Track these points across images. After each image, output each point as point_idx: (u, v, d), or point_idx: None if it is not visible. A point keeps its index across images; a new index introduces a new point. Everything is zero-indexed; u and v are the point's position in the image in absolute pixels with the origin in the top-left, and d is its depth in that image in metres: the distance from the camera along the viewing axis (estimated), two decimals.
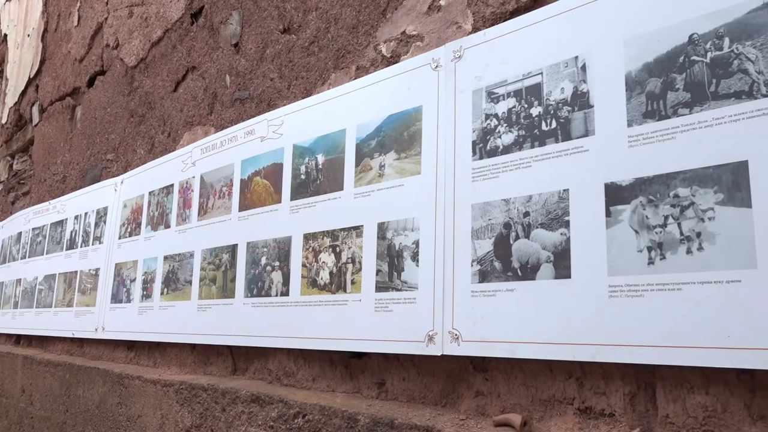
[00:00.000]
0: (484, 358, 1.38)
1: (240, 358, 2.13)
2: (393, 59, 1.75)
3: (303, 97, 2.03)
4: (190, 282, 2.33)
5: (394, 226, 1.58)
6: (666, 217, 1.11)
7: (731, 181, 1.04)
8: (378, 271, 1.60)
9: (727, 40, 1.09)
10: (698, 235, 1.06)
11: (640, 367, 1.13)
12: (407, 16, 1.73)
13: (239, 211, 2.15)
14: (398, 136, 1.63)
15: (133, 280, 2.71)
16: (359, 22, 1.88)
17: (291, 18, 2.16)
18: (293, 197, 1.92)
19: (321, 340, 1.71)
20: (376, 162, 1.67)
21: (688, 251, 1.07)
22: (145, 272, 2.63)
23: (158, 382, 2.21)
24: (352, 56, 1.89)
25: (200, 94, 2.62)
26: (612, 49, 1.24)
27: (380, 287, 1.58)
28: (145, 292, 2.61)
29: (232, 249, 2.13)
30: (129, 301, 2.71)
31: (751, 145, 1.03)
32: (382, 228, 1.61)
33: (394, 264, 1.56)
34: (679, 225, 1.09)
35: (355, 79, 1.84)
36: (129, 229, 2.85)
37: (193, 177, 2.45)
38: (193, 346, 2.37)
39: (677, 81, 1.14)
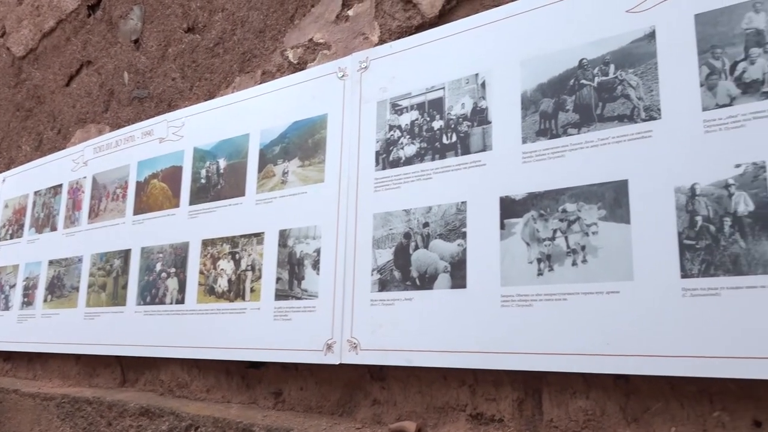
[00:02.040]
0: (381, 367, 1.39)
1: (130, 368, 2.03)
2: (300, 66, 1.74)
3: (206, 99, 1.98)
4: (77, 288, 2.19)
5: (296, 234, 1.57)
6: (555, 231, 1.16)
7: (613, 199, 1.11)
8: (278, 279, 1.58)
9: (612, 67, 1.16)
10: (583, 248, 1.13)
11: (529, 374, 1.18)
12: (315, 24, 1.73)
13: (134, 214, 2.05)
14: (303, 144, 1.61)
15: (12, 286, 2.52)
16: (266, 27, 1.86)
17: (196, 17, 2.10)
18: (192, 202, 1.86)
19: (217, 350, 1.66)
20: (280, 168, 1.65)
21: (574, 263, 1.13)
22: (27, 278, 2.45)
23: (37, 395, 2.06)
24: (258, 60, 1.86)
25: (95, 90, 2.49)
26: (509, 68, 1.29)
27: (280, 295, 1.56)
28: (26, 299, 2.43)
29: (125, 254, 2.03)
30: (7, 308, 2.51)
31: (630, 165, 1.10)
32: (283, 235, 1.59)
33: (294, 272, 1.55)
34: (566, 238, 1.15)
35: (261, 83, 1.81)
36: (10, 231, 2.65)
37: (85, 177, 2.31)
38: (78, 357, 2.23)
39: (568, 102, 1.20)
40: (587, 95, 1.18)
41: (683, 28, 1.09)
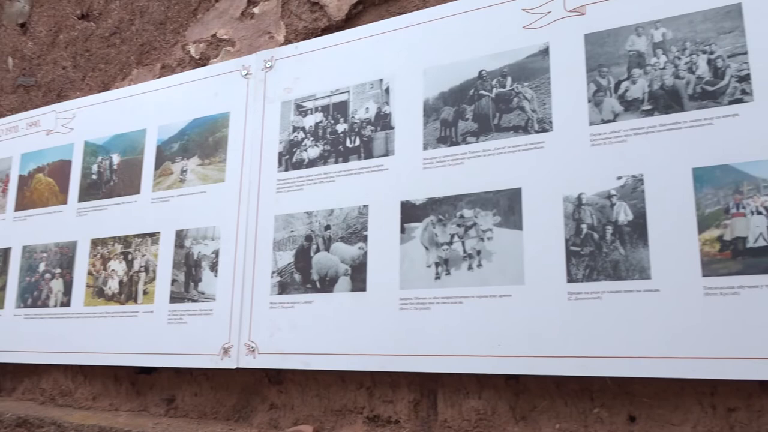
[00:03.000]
0: (279, 371, 1.37)
1: (6, 376, 1.88)
2: (202, 61, 1.69)
3: (100, 91, 1.88)
4: None
5: (194, 234, 1.51)
6: (452, 236, 1.20)
7: (507, 206, 1.15)
8: (174, 281, 1.52)
9: (509, 79, 1.21)
10: (478, 253, 1.17)
11: (425, 376, 1.21)
12: (219, 19, 1.68)
13: (15, 210, 1.91)
14: (203, 142, 1.57)
15: None
16: (168, 19, 1.79)
17: (91, 4, 1.98)
18: (82, 198, 1.75)
19: (105, 355, 1.58)
20: (178, 166, 1.59)
21: (470, 267, 1.17)
22: None
23: None
24: (158, 53, 1.79)
25: None
26: (413, 76, 1.31)
27: (175, 298, 1.50)
28: None
29: (4, 253, 1.88)
30: None
31: (524, 174, 1.15)
32: (180, 236, 1.54)
33: (191, 274, 1.50)
34: (463, 243, 1.19)
35: (160, 77, 1.74)
36: None
37: None
38: None
39: (467, 111, 1.24)
40: (486, 105, 1.22)
41: (574, 46, 1.16)
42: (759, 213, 0.96)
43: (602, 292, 1.04)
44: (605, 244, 1.06)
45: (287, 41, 1.55)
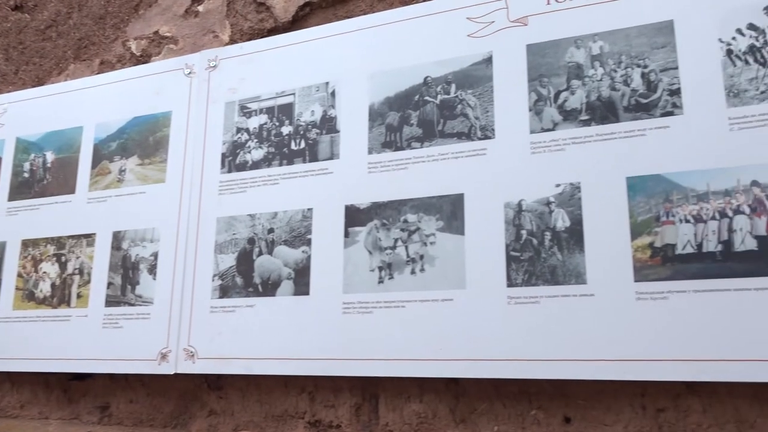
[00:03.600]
0: (219, 376, 1.35)
1: None
2: (143, 59, 1.64)
3: (34, 86, 1.80)
4: None
5: (132, 236, 1.47)
6: (396, 240, 1.20)
7: (450, 211, 1.17)
8: (110, 284, 1.47)
9: (454, 86, 1.23)
10: (421, 257, 1.18)
11: (367, 380, 1.21)
12: (162, 16, 1.64)
13: None
14: (143, 141, 1.52)
15: None
16: (108, 13, 1.73)
17: None
18: (12, 197, 1.67)
19: (35, 361, 1.51)
20: (116, 166, 1.55)
21: (413, 272, 1.18)
22: None
23: None
24: (97, 48, 1.73)
25: None
26: (359, 80, 1.32)
27: (111, 302, 1.46)
28: None
29: None
30: None
31: (467, 180, 1.17)
32: (117, 237, 1.49)
33: (128, 277, 1.45)
34: (406, 248, 1.19)
35: (99, 73, 1.69)
36: None
37: None
38: None
39: (412, 117, 1.25)
40: (430, 111, 1.24)
41: (516, 56, 1.19)
42: (687, 221, 1.01)
43: (540, 297, 1.07)
44: (544, 249, 1.08)
45: (232, 41, 1.52)
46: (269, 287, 1.30)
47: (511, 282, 1.09)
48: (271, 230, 1.32)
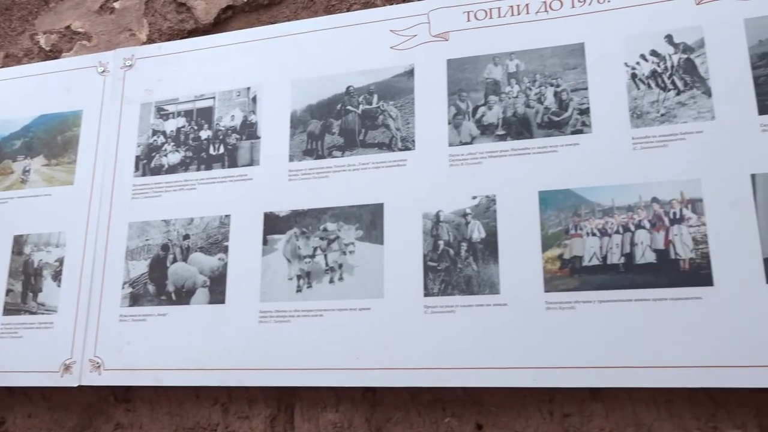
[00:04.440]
0: (128, 388, 1.29)
1: None
2: (53, 54, 1.56)
3: None
4: None
5: (35, 240, 1.39)
6: (315, 249, 1.20)
7: (369, 220, 1.18)
8: (9, 291, 1.38)
9: (376, 97, 1.24)
10: (340, 266, 1.17)
11: (283, 390, 1.19)
12: (75, 11, 1.57)
13: None
14: (50, 140, 1.45)
15: None
16: (15, 4, 1.64)
17: None
18: None
19: None
20: (20, 165, 1.46)
21: (331, 281, 1.17)
22: None
23: None
24: (2, 41, 1.63)
25: None
26: (281, 86, 1.30)
27: (10, 310, 1.37)
28: None
29: None
30: None
31: (387, 190, 1.18)
32: (19, 241, 1.40)
33: (30, 283, 1.37)
34: (325, 256, 1.19)
35: (3, 67, 1.59)
36: None
37: None
38: None
39: (334, 125, 1.25)
40: (352, 121, 1.24)
41: (437, 70, 1.21)
42: (593, 234, 1.06)
43: (456, 306, 1.09)
44: (460, 260, 1.11)
45: (150, 40, 1.48)
46: (183, 295, 1.26)
47: (427, 291, 1.11)
48: (186, 236, 1.28)
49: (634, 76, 1.10)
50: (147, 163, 1.36)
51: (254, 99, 1.32)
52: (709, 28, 1.09)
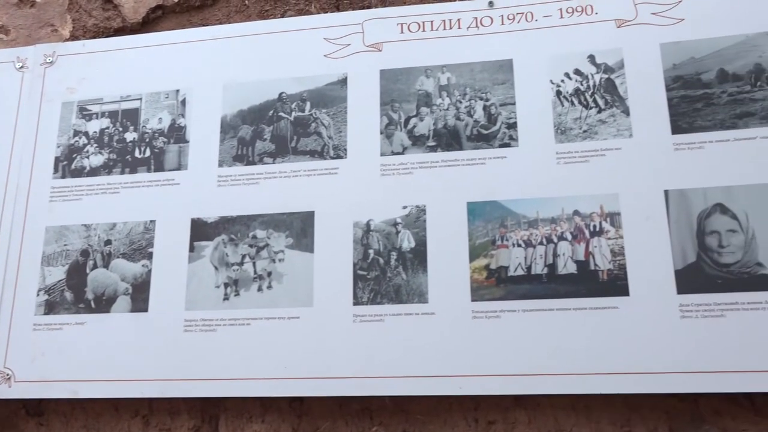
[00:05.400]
0: (41, 401, 1.23)
1: None
2: None
3: None
4: None
5: None
6: (244, 256, 1.18)
7: (300, 228, 1.17)
8: None
9: (309, 104, 1.24)
10: (269, 274, 1.16)
11: (207, 401, 1.16)
12: None
13: None
14: None
15: None
16: None
17: None
18: None
19: None
20: None
21: (260, 289, 1.16)
22: None
23: None
24: None
25: None
26: (212, 90, 1.28)
27: None
28: None
29: None
30: None
31: (317, 198, 1.18)
32: None
33: None
34: (254, 264, 1.17)
35: None
36: None
37: None
38: None
39: (266, 132, 1.24)
40: (284, 127, 1.23)
41: (370, 80, 1.22)
42: (519, 245, 1.09)
43: (385, 315, 1.10)
44: (389, 269, 1.12)
45: (73, 37, 1.42)
46: (103, 303, 1.21)
47: (357, 300, 1.11)
48: (108, 242, 1.23)
49: (558, 93, 1.15)
50: (67, 164, 1.30)
51: (183, 102, 1.29)
52: (629, 50, 1.14)
